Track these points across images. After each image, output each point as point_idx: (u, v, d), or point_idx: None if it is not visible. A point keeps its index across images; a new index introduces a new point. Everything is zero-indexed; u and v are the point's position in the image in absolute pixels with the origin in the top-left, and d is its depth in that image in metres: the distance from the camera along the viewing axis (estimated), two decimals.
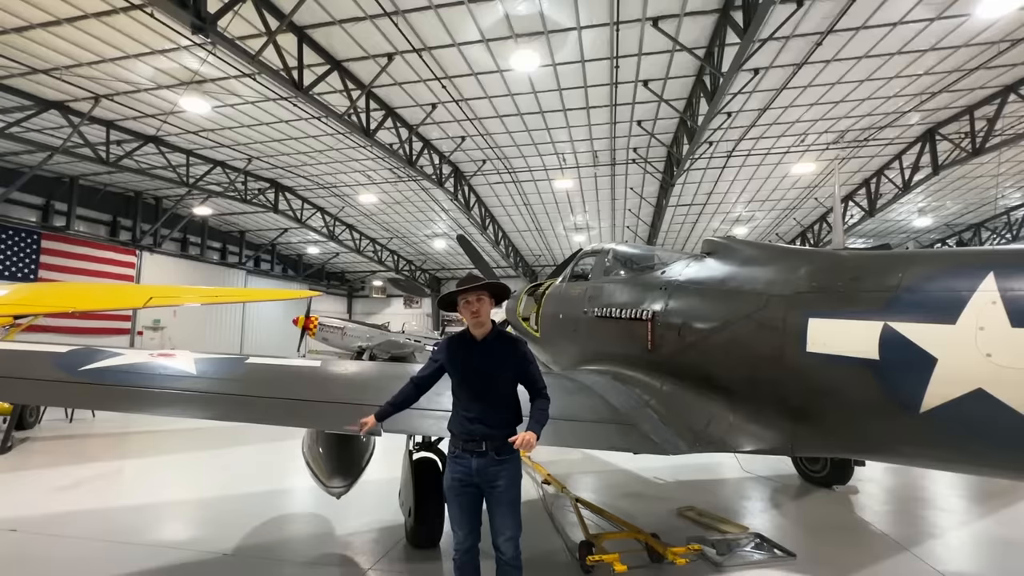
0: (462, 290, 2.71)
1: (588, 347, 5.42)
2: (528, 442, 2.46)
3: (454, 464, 2.68)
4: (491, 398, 2.64)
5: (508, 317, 8.16)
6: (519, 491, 2.73)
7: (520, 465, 2.77)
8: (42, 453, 7.57)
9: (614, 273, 5.37)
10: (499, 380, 2.68)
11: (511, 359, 2.72)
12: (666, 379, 4.06)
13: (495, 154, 15.54)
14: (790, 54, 10.00)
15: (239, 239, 24.52)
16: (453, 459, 2.69)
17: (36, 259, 15.93)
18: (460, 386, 2.68)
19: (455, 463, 2.67)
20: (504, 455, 2.62)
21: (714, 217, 21.62)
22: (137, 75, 10.69)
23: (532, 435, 2.49)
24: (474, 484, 2.62)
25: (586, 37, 9.64)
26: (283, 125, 13.43)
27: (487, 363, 2.66)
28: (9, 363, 3.07)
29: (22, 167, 15.19)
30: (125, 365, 3.16)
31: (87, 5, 8.37)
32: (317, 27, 9.31)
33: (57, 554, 4.01)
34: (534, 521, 4.70)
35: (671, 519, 4.73)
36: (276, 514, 4.94)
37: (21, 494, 5.55)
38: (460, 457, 2.65)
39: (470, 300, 2.70)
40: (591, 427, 3.67)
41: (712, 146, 14.62)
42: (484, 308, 2.72)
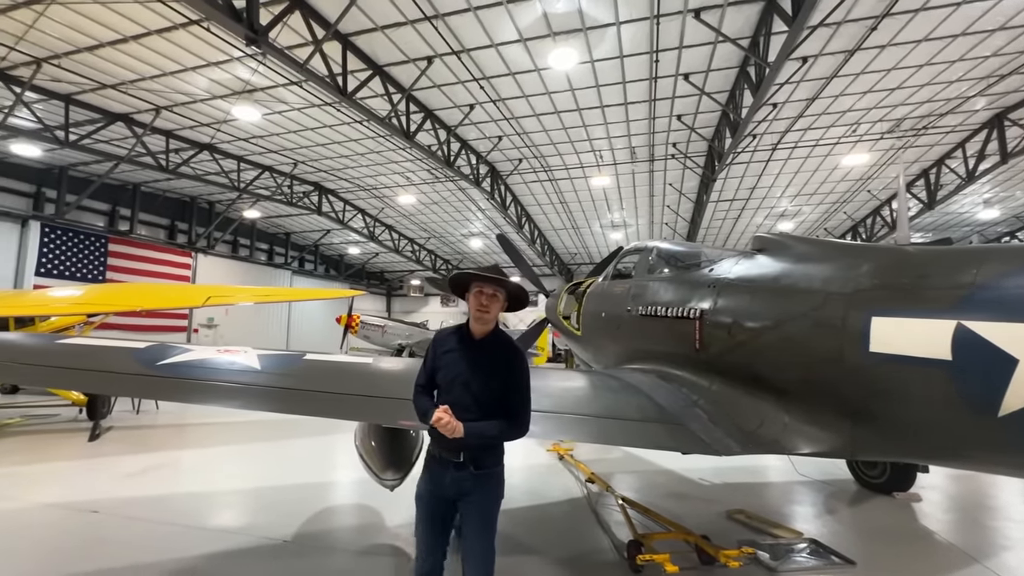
0: (482, 276, 2.40)
1: (631, 346, 5.36)
2: (453, 427, 2.15)
3: (428, 472, 2.43)
4: (476, 404, 2.31)
5: (548, 315, 8.17)
6: (497, 511, 2.40)
7: (503, 483, 2.45)
8: (113, 442, 8.13)
9: (658, 271, 5.29)
10: (489, 386, 2.35)
11: (506, 366, 2.40)
12: (715, 379, 3.99)
13: (531, 153, 15.56)
14: (842, 40, 9.56)
15: (285, 240, 25.54)
16: (428, 467, 2.45)
17: (104, 261, 17.11)
18: (446, 386, 2.39)
19: (429, 471, 2.43)
20: (484, 468, 2.35)
21: (757, 212, 20.90)
22: (194, 86, 11.30)
23: (460, 425, 2.18)
24: (447, 497, 2.36)
25: (625, 32, 9.52)
26: (327, 130, 13.90)
27: (480, 365, 2.37)
28: (97, 358, 3.34)
29: (91, 176, 16.38)
30: (197, 360, 3.37)
31: (150, 22, 8.93)
32: (360, 34, 9.58)
33: (133, 535, 4.32)
34: (579, 519, 4.71)
35: (720, 521, 4.64)
36: (328, 504, 5.15)
37: (98, 479, 5.99)
38: (436, 466, 2.40)
39: (484, 291, 2.40)
40: (639, 426, 3.64)
41: (756, 139, 14.16)
42: (495, 306, 2.42)
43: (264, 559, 3.89)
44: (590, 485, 5.49)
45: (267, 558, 3.90)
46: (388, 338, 21.61)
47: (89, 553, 3.94)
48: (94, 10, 8.50)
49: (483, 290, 2.41)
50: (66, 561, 3.80)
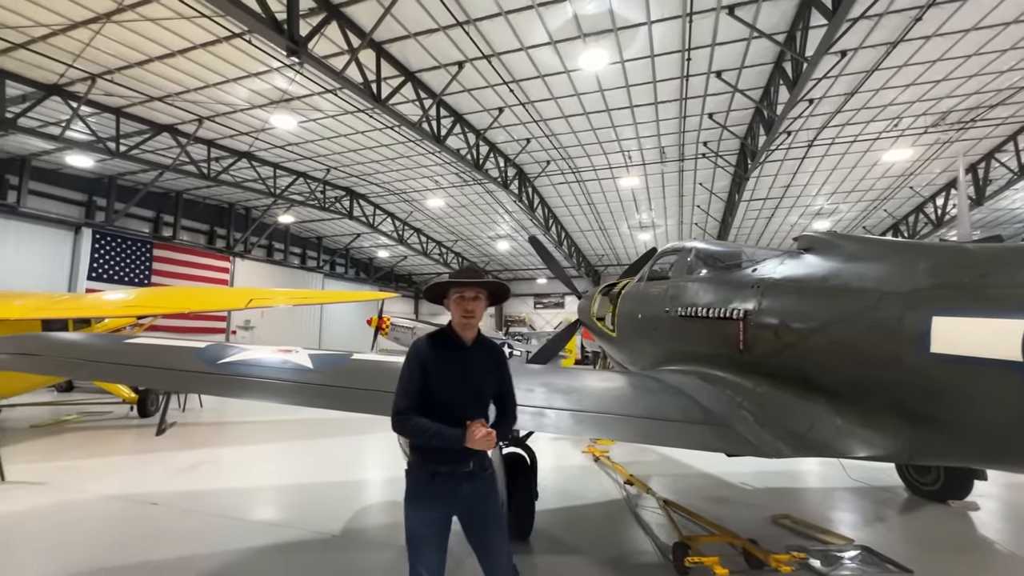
0: (461, 282, 2.31)
1: (670, 347, 5.31)
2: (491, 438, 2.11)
3: (432, 492, 2.20)
4: (479, 409, 2.28)
5: (581, 317, 8.15)
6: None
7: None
8: (163, 438, 8.48)
9: (697, 271, 5.23)
10: (487, 389, 2.35)
11: (495, 367, 2.39)
12: (760, 380, 3.92)
13: (560, 155, 15.57)
14: (884, 32, 9.26)
15: (317, 244, 26.22)
16: (429, 488, 2.21)
17: (149, 265, 17.92)
18: (444, 397, 2.22)
19: (433, 490, 2.20)
20: (489, 469, 2.32)
21: (792, 211, 20.36)
22: (235, 97, 11.75)
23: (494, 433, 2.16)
24: (454, 513, 2.25)
25: (656, 31, 9.45)
26: (359, 136, 14.23)
27: (475, 370, 2.31)
28: (162, 356, 3.52)
29: (137, 184, 17.20)
30: (254, 359, 3.52)
31: (196, 37, 9.34)
32: (393, 41, 9.79)
33: (189, 527, 4.52)
34: (619, 520, 4.69)
35: (765, 526, 4.54)
36: (372, 501, 5.27)
37: (153, 473, 6.28)
38: (444, 482, 2.21)
39: (466, 296, 2.29)
40: (684, 427, 3.61)
41: (791, 136, 13.82)
42: (479, 307, 2.32)
43: (315, 552, 4.01)
44: (628, 487, 5.45)
45: (318, 551, 4.03)
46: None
47: (151, 544, 4.15)
48: (145, 27, 8.94)
49: (464, 294, 2.30)
50: (131, 551, 4.00)
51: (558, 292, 32.74)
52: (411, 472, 2.27)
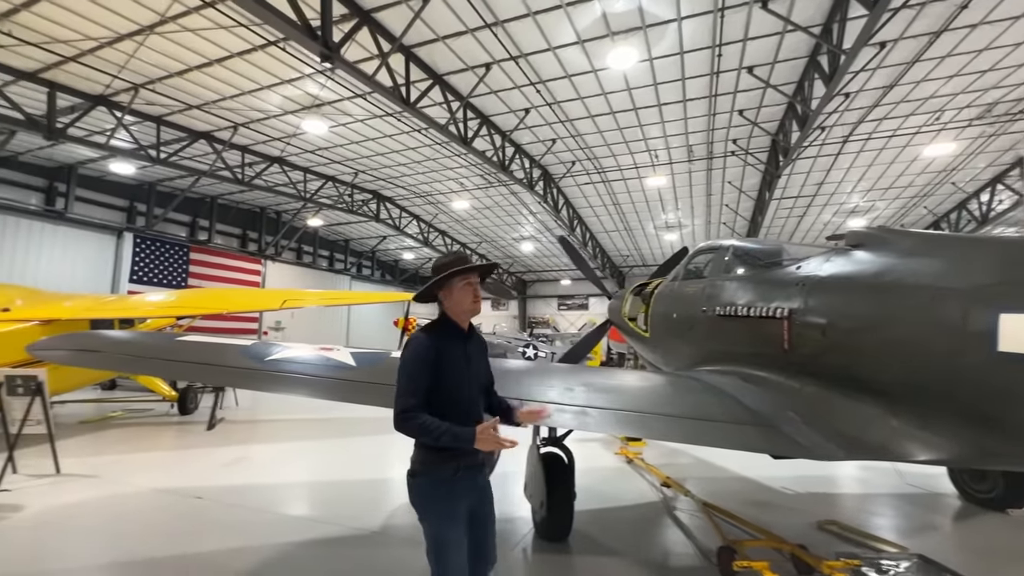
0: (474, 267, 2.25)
1: (707, 347, 5.21)
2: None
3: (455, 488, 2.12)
4: (482, 396, 2.28)
5: (612, 317, 8.08)
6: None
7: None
8: (202, 434, 8.75)
9: (736, 270, 5.12)
10: (485, 375, 2.34)
11: (485, 353, 2.39)
12: (807, 381, 3.80)
13: (585, 155, 15.49)
14: (926, 21, 8.92)
15: (344, 247, 26.70)
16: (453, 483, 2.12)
17: (186, 268, 18.53)
18: (455, 387, 2.15)
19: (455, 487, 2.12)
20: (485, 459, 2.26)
21: (825, 209, 19.78)
22: (268, 103, 12.07)
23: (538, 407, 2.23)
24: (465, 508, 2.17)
25: (686, 27, 9.31)
26: (387, 139, 14.44)
27: (476, 356, 2.29)
28: (211, 353, 3.64)
29: (175, 190, 17.84)
30: (300, 356, 3.59)
31: (233, 46, 9.63)
32: (421, 45, 9.90)
33: (236, 521, 4.65)
34: (657, 523, 4.62)
35: (810, 532, 4.41)
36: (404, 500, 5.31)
37: (196, 468, 6.48)
38: (463, 477, 2.14)
39: (472, 281, 2.26)
40: (729, 428, 3.54)
41: (825, 131, 13.43)
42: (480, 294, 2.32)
43: (357, 548, 4.08)
44: (665, 489, 5.37)
45: (359, 547, 4.09)
46: None
47: (201, 536, 4.27)
48: (185, 37, 9.26)
49: (471, 280, 2.26)
50: (183, 543, 4.12)
51: (582, 293, 32.56)
52: (427, 471, 2.14)
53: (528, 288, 34.15)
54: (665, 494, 5.28)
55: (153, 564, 3.76)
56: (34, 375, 5.60)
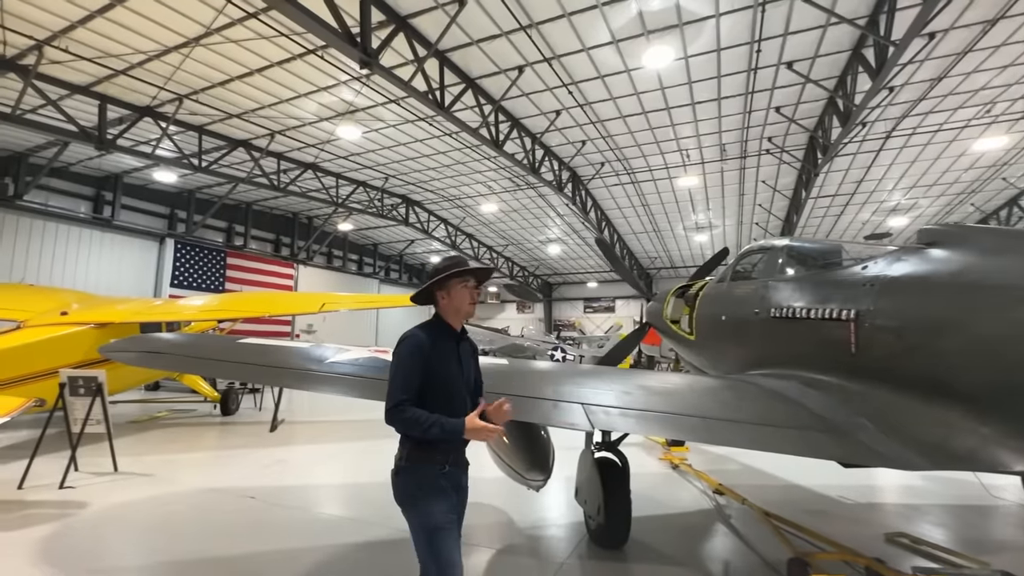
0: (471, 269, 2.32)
1: (761, 350, 5.04)
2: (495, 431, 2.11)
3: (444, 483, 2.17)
4: (470, 396, 2.32)
5: (652, 320, 7.93)
6: None
7: None
8: (243, 435, 8.94)
9: (792, 270, 4.94)
10: (474, 376, 2.41)
11: (476, 355, 2.47)
12: (879, 385, 3.63)
13: (615, 155, 15.35)
14: (981, 10, 8.54)
15: (373, 251, 27.11)
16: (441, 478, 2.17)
17: (223, 273, 19.06)
18: (445, 386, 2.21)
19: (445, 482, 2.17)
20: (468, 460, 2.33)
21: (864, 207, 19.14)
22: (304, 111, 12.33)
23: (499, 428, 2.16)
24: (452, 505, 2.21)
25: (724, 23, 9.13)
26: (418, 144, 14.58)
27: (467, 357, 2.37)
28: (272, 356, 3.69)
29: (213, 197, 18.39)
30: (360, 359, 3.61)
31: (273, 55, 9.87)
32: (455, 49, 9.97)
33: (288, 521, 4.70)
34: (714, 532, 4.48)
35: (879, 544, 4.20)
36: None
37: (243, 467, 6.61)
38: (449, 473, 2.19)
39: (469, 284, 2.33)
40: (796, 433, 3.41)
41: (866, 127, 13.00)
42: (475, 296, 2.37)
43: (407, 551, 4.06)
44: (718, 496, 5.21)
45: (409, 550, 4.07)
46: None
47: (256, 535, 4.34)
48: (228, 48, 9.54)
49: (467, 283, 2.33)
50: (239, 542, 4.19)
51: (608, 296, 32.24)
52: (411, 470, 2.19)
53: (554, 291, 34.01)
54: (718, 501, 5.13)
55: (214, 562, 3.82)
56: (94, 376, 5.80)
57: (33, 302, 8.21)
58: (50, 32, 8.87)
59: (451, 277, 2.31)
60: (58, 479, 5.53)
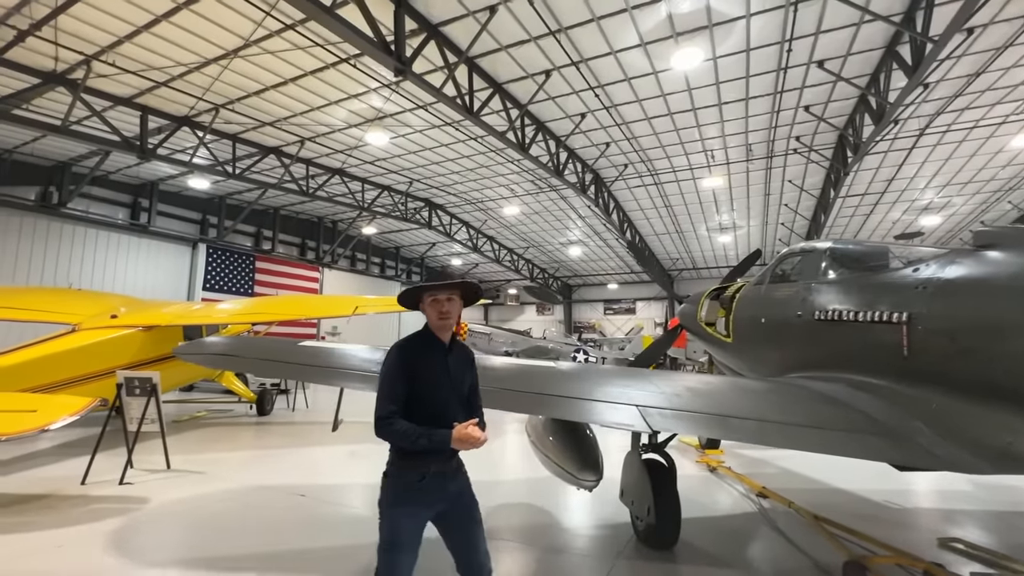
0: (432, 285, 2.42)
1: (803, 353, 5.02)
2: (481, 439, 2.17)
3: (419, 494, 2.22)
4: (460, 407, 2.35)
5: (685, 323, 7.92)
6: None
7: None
8: (280, 435, 9.17)
9: (836, 273, 4.92)
10: (466, 388, 2.43)
11: (470, 366, 2.50)
12: (934, 389, 3.60)
13: (639, 157, 15.32)
14: (1022, 4, 8.33)
15: (395, 254, 27.47)
16: (418, 489, 2.21)
17: (252, 276, 19.53)
18: (430, 396, 2.27)
19: (419, 493, 2.21)
20: (463, 465, 2.40)
21: (894, 207, 18.74)
22: (334, 118, 12.60)
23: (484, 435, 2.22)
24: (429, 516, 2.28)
25: (755, 23, 9.08)
26: (442, 148, 14.77)
27: (457, 369, 2.39)
28: (334, 357, 3.83)
29: (242, 203, 18.87)
30: None
31: (307, 64, 10.13)
32: (484, 55, 10.10)
33: (339, 519, 4.85)
34: (761, 535, 4.48)
35: (932, 550, 4.15)
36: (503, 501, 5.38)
37: (289, 465, 6.80)
38: (429, 483, 2.22)
39: (439, 299, 2.39)
40: (853, 437, 3.41)
41: (898, 125, 12.75)
42: (454, 308, 2.42)
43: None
44: (762, 500, 5.20)
45: None
46: (494, 345, 22.26)
47: (309, 532, 4.48)
48: (265, 59, 9.83)
49: (437, 297, 2.39)
50: (293, 539, 4.31)
51: (629, 298, 32.07)
52: (395, 475, 2.26)
53: (573, 292, 33.96)
54: (762, 505, 5.12)
55: (271, 558, 3.95)
56: (149, 377, 6.04)
57: (84, 306, 8.56)
58: (99, 47, 9.26)
59: (421, 293, 2.43)
60: (114, 475, 5.78)
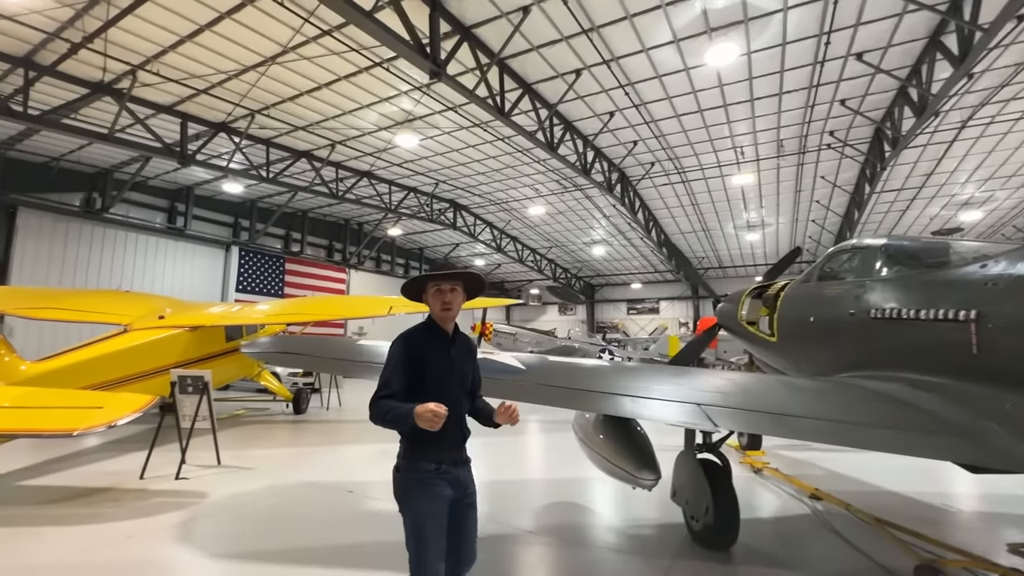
0: (436, 275, 2.41)
1: (857, 352, 4.90)
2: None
3: (437, 482, 2.24)
4: (464, 396, 2.41)
5: (725, 322, 7.80)
6: None
7: None
8: (319, 433, 9.33)
9: (893, 270, 4.80)
10: (470, 377, 2.47)
11: (473, 356, 2.54)
12: (1006, 388, 3.50)
13: (666, 155, 15.18)
14: None
15: (419, 255, 27.72)
16: (436, 477, 2.24)
17: (282, 278, 19.96)
18: (436, 384, 2.28)
19: (437, 481, 2.24)
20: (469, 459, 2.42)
21: (932, 202, 18.17)
22: (365, 121, 12.80)
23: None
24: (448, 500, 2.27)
25: (792, 16, 8.92)
26: (469, 149, 14.87)
27: (460, 359, 2.43)
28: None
29: (273, 206, 19.29)
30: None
31: (342, 69, 10.31)
32: (515, 56, 10.13)
33: (388, 516, 4.90)
34: (819, 537, 4.39)
35: (1003, 555, 4.02)
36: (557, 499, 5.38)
37: (333, 462, 6.92)
38: (446, 472, 2.26)
39: (443, 288, 2.39)
40: (927, 437, 3.34)
41: (939, 117, 12.35)
42: (456, 299, 2.42)
43: (518, 547, 4.18)
44: (815, 502, 5.10)
45: (518, 546, 4.19)
46: (519, 345, 22.28)
47: (361, 527, 4.56)
48: (301, 65, 10.04)
49: (441, 287, 2.40)
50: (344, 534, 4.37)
51: (653, 297, 31.76)
52: (410, 466, 2.28)
53: (596, 292, 33.78)
54: (815, 507, 5.02)
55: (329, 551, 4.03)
56: (201, 375, 6.23)
57: (133, 307, 8.86)
58: (144, 57, 9.60)
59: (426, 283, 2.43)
60: (168, 470, 5.97)
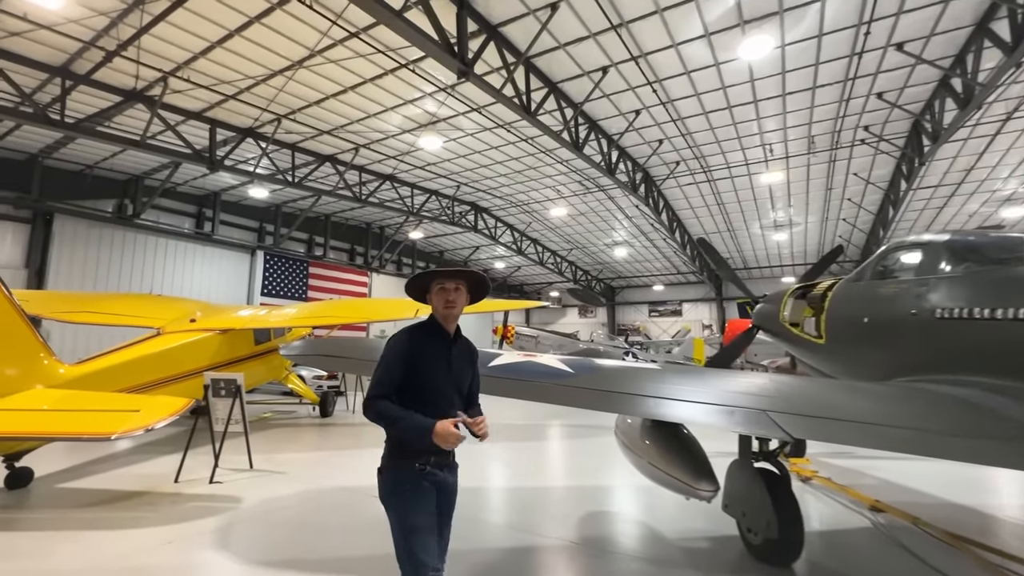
0: (442, 272, 2.40)
1: (920, 354, 4.61)
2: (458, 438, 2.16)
3: (425, 482, 2.21)
4: (460, 398, 2.36)
5: (764, 323, 7.51)
6: None
7: None
8: (348, 436, 9.28)
9: (959, 267, 4.50)
10: (467, 379, 2.42)
11: (472, 358, 2.49)
12: None
13: (692, 154, 14.88)
14: None
15: (439, 258, 27.71)
16: (421, 477, 2.21)
17: (306, 281, 20.11)
18: (431, 384, 2.26)
19: (421, 482, 2.21)
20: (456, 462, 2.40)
21: (972, 198, 17.46)
22: (389, 124, 12.79)
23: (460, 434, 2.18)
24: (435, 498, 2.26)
25: (830, 7, 8.60)
26: (492, 151, 14.77)
27: (459, 360, 2.39)
28: None
29: (296, 211, 19.47)
30: (517, 363, 3.62)
31: (367, 72, 10.30)
32: (541, 55, 9.99)
33: None
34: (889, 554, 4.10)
35: None
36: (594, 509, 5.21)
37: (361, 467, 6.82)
38: (430, 474, 2.23)
39: (447, 287, 2.38)
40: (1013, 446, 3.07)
41: (982, 109, 11.82)
42: (460, 299, 2.41)
43: (560, 557, 4.01)
44: (876, 515, 4.81)
45: (561, 557, 4.02)
46: (541, 348, 22.12)
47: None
48: (327, 68, 10.06)
49: (445, 285, 2.37)
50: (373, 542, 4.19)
51: (675, 299, 31.26)
52: (394, 467, 2.25)
53: (617, 294, 33.39)
54: (877, 520, 4.73)
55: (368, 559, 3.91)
56: (234, 378, 6.20)
57: (165, 311, 8.95)
58: (175, 64, 9.72)
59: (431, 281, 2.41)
60: (201, 474, 5.96)
